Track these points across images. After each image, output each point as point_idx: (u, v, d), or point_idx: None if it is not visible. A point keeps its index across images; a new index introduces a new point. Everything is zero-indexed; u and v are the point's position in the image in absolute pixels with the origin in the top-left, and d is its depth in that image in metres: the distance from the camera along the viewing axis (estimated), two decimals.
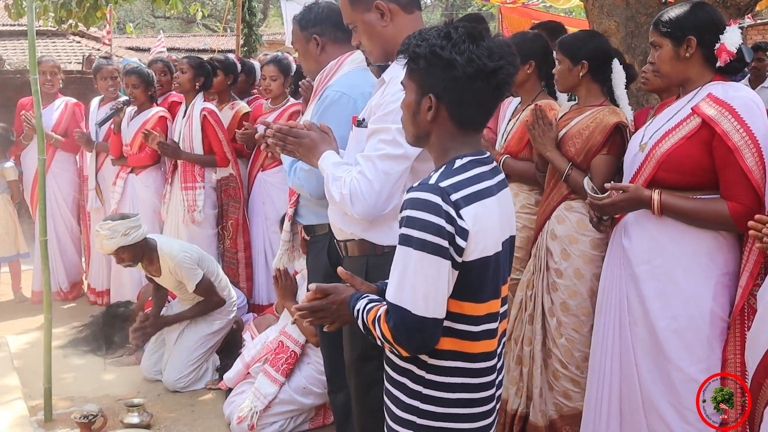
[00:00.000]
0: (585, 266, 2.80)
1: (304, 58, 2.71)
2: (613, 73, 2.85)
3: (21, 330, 4.85)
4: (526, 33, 3.33)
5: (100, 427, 3.33)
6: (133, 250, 3.80)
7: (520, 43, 3.15)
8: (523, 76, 3.15)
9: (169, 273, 3.88)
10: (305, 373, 3.43)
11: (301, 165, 2.45)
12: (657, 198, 2.32)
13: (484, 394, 1.69)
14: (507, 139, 3.23)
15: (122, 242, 3.74)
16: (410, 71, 1.67)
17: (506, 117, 3.38)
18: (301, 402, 3.41)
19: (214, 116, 4.55)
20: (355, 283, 1.80)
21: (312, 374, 3.42)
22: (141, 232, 3.81)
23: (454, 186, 1.58)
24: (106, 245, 3.76)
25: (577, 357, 2.81)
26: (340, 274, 1.80)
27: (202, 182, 4.54)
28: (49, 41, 14.74)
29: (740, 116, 2.21)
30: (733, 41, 2.29)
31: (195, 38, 21.67)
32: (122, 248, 3.76)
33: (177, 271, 3.84)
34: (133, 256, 3.83)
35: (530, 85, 3.21)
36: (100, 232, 3.77)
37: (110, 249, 3.77)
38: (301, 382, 3.41)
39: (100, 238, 3.79)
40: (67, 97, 5.53)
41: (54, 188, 5.39)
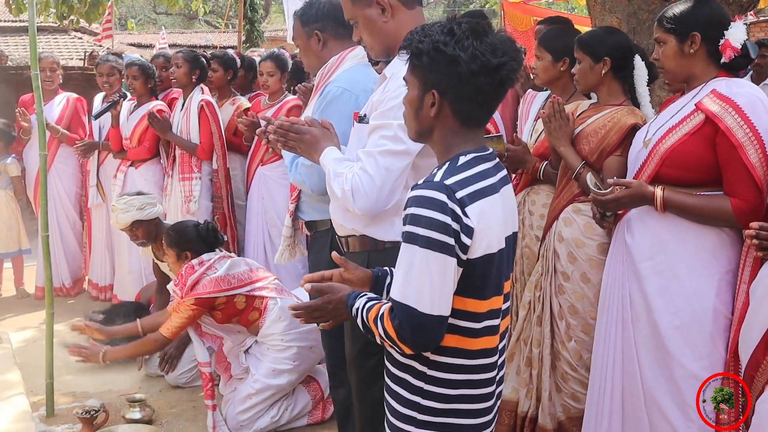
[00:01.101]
0: (592, 271, 2.76)
1: (306, 53, 2.71)
2: (636, 69, 2.76)
3: (23, 326, 4.86)
4: (561, 28, 3.16)
5: (102, 423, 3.33)
6: (148, 226, 3.83)
7: (557, 38, 3.04)
8: (556, 73, 3.03)
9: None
10: (268, 358, 3.43)
11: (302, 161, 2.44)
12: (660, 194, 2.31)
13: (485, 390, 1.69)
14: (540, 140, 3.10)
15: (137, 216, 3.77)
16: (413, 67, 1.66)
17: (532, 113, 3.30)
18: (276, 384, 3.40)
19: (210, 108, 4.57)
20: (348, 267, 1.81)
21: (274, 356, 3.42)
22: (156, 210, 3.85)
23: (459, 183, 1.58)
24: (122, 219, 3.77)
25: (586, 359, 2.77)
26: (335, 258, 1.81)
27: (199, 173, 4.57)
28: (50, 37, 14.74)
29: (744, 112, 2.20)
30: (738, 37, 2.28)
31: (197, 34, 21.66)
32: (137, 223, 3.79)
33: None
34: (146, 233, 3.86)
35: (563, 83, 3.06)
36: (116, 205, 3.80)
37: (125, 222, 3.78)
38: (267, 367, 3.41)
39: (116, 211, 3.81)
40: (68, 93, 5.54)
41: (57, 184, 5.41)
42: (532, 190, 3.14)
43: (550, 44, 3.03)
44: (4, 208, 5.47)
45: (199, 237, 3.57)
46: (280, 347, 3.43)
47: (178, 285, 3.38)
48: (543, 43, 3.06)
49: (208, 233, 3.59)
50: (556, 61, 3.01)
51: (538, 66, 3.08)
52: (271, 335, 3.44)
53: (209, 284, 3.32)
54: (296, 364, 3.43)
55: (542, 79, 3.10)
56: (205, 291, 3.31)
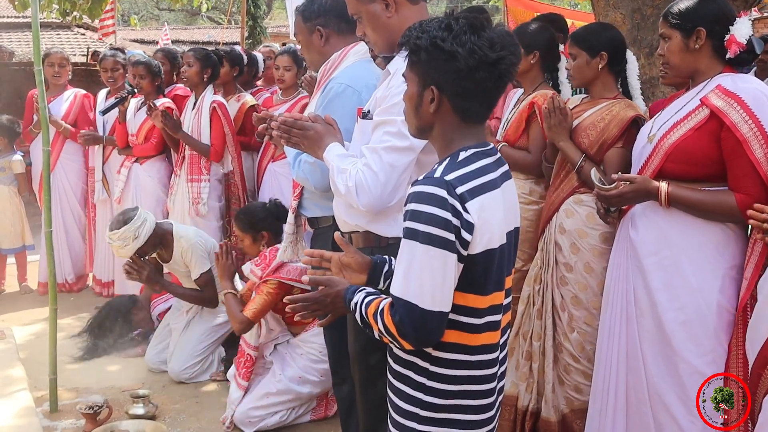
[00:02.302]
0: (595, 260, 2.78)
1: (308, 49, 2.70)
2: (628, 63, 2.83)
3: (27, 321, 4.87)
4: (531, 23, 3.34)
5: (106, 418, 3.34)
6: (148, 243, 3.83)
7: (526, 33, 3.18)
8: (527, 66, 3.16)
9: (180, 256, 3.89)
10: (299, 363, 3.44)
11: (305, 158, 2.44)
12: (665, 189, 2.31)
13: (487, 386, 1.69)
14: (506, 128, 3.23)
15: (137, 245, 3.78)
16: (412, 63, 1.66)
17: (510, 106, 3.37)
18: (298, 391, 3.42)
19: (223, 109, 4.54)
20: (349, 250, 1.81)
21: (306, 364, 3.43)
22: (148, 225, 3.81)
23: (459, 179, 1.58)
24: (124, 253, 3.81)
25: (589, 351, 2.79)
26: (336, 238, 1.82)
27: (208, 175, 4.54)
28: (54, 33, 14.75)
29: (749, 107, 2.20)
30: (743, 32, 2.27)
31: (199, 30, 21.66)
32: (140, 249, 3.80)
33: (189, 253, 3.87)
34: (151, 248, 3.88)
35: (533, 75, 3.21)
36: (113, 244, 3.79)
37: (129, 254, 3.81)
38: (296, 372, 3.42)
39: (115, 249, 3.83)
40: (76, 89, 5.53)
41: (63, 179, 5.41)
42: None
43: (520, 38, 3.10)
44: (9, 204, 5.48)
45: (270, 214, 3.65)
46: (316, 358, 3.42)
47: (260, 265, 3.39)
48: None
49: (277, 209, 3.67)
50: (526, 54, 3.12)
51: None
52: (313, 344, 3.44)
53: (293, 271, 3.34)
54: (323, 380, 3.42)
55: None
56: (288, 276, 3.33)
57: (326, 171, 2.19)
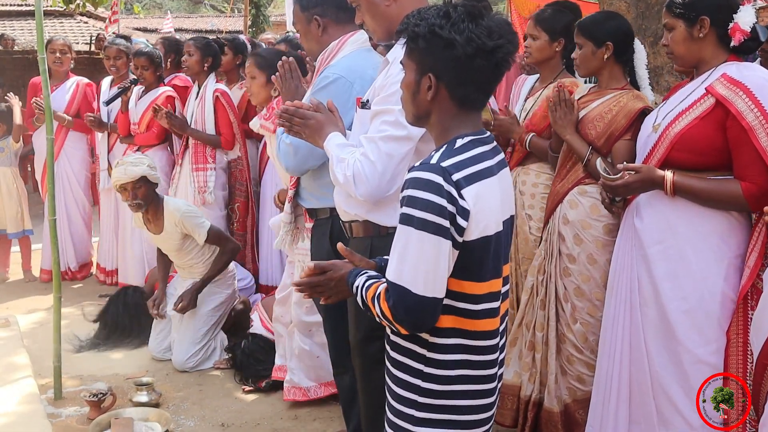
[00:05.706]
0: (598, 251, 2.76)
1: (306, 39, 2.69)
2: (636, 53, 2.78)
3: (30, 309, 4.89)
4: (561, 9, 3.17)
5: (110, 406, 3.35)
6: (149, 189, 3.85)
7: (555, 18, 3.07)
8: (550, 53, 3.08)
9: (174, 226, 3.88)
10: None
11: (284, 137, 2.43)
12: (670, 178, 2.29)
13: (486, 372, 1.69)
14: (529, 117, 3.16)
15: (147, 172, 3.80)
16: (409, 51, 1.66)
17: (522, 95, 3.32)
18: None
19: (226, 97, 4.55)
20: (354, 259, 1.81)
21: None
22: (158, 178, 3.91)
23: (455, 165, 1.58)
24: (131, 171, 3.77)
25: (592, 341, 2.78)
26: (340, 249, 1.81)
27: (213, 163, 4.54)
28: (56, 21, 14.71)
29: (755, 96, 2.18)
30: (747, 20, 2.25)
31: (202, 19, 21.58)
32: (143, 180, 3.79)
33: (183, 223, 3.86)
34: (146, 195, 3.85)
35: (555, 63, 3.13)
36: (127, 159, 3.79)
37: (134, 175, 3.77)
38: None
39: (124, 165, 3.81)
40: (78, 77, 5.52)
41: (66, 168, 5.41)
42: (523, 170, 3.17)
43: (545, 24, 3.07)
44: (11, 185, 5.48)
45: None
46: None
47: (269, 119, 3.30)
48: (540, 22, 3.08)
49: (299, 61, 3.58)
50: (552, 41, 3.05)
51: (532, 45, 3.10)
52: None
53: None
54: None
55: (536, 58, 3.12)
56: None
57: (301, 154, 2.18)
